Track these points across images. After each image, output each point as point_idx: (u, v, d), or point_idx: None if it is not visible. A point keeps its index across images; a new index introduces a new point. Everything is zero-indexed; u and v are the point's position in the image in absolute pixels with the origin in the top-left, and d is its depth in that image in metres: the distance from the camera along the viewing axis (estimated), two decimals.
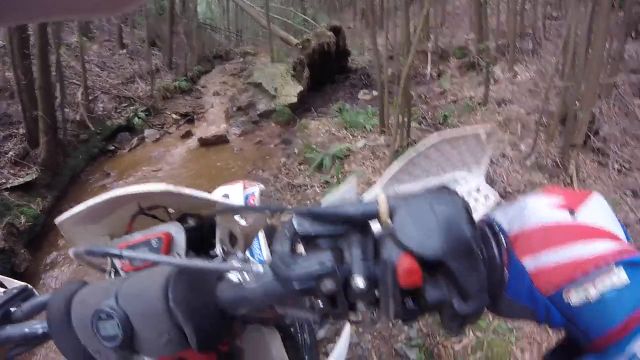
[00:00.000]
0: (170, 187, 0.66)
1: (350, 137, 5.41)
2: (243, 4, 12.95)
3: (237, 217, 0.78)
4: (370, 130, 5.52)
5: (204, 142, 6.66)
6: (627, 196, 3.81)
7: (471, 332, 2.38)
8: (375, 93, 8.45)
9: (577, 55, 4.38)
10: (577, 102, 4.15)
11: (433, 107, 6.72)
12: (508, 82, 6.67)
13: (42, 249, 4.11)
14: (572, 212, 0.39)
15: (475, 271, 0.37)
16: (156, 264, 0.55)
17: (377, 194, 0.42)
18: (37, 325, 0.59)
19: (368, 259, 0.41)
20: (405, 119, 3.94)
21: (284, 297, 0.46)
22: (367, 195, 0.60)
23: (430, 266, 0.37)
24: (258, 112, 7.59)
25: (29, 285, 0.69)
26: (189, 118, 8.37)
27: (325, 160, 4.54)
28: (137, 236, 0.70)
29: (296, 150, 5.49)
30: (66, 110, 6.45)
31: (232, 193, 1.20)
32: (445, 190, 0.41)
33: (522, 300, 0.38)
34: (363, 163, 4.15)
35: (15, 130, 5.66)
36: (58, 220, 0.69)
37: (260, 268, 0.48)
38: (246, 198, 1.19)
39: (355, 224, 0.43)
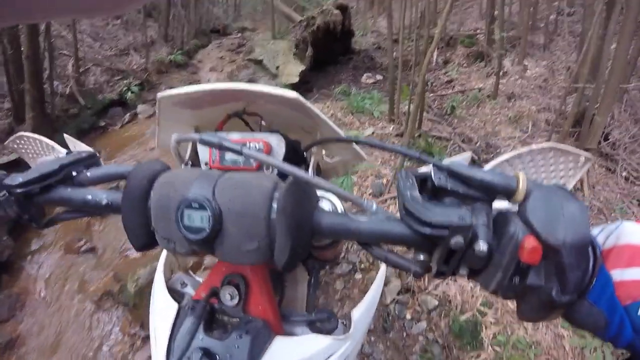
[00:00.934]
0: (301, 99, 0.68)
1: (358, 123, 5.13)
2: None
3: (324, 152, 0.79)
4: (378, 117, 5.25)
5: None
6: (633, 205, 3.75)
7: (490, 347, 2.24)
8: (378, 77, 8.23)
9: (597, 56, 4.18)
10: (595, 105, 4.00)
11: (440, 96, 6.50)
12: (517, 76, 6.48)
13: (26, 235, 3.76)
14: None
15: (580, 269, 0.39)
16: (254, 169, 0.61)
17: (518, 174, 0.43)
18: (102, 195, 0.58)
19: (490, 228, 0.43)
20: (419, 110, 3.70)
21: (403, 238, 0.46)
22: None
23: (547, 250, 0.39)
24: None
25: (96, 153, 0.69)
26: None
27: None
28: (235, 136, 0.71)
29: None
30: (55, 83, 6.13)
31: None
32: (571, 193, 0.43)
33: (601, 306, 0.41)
34: (371, 153, 3.92)
35: None
36: (160, 95, 0.69)
37: (373, 204, 0.49)
38: None
39: (487, 192, 0.44)
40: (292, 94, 0.67)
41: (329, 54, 8.42)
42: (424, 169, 0.49)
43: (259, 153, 0.52)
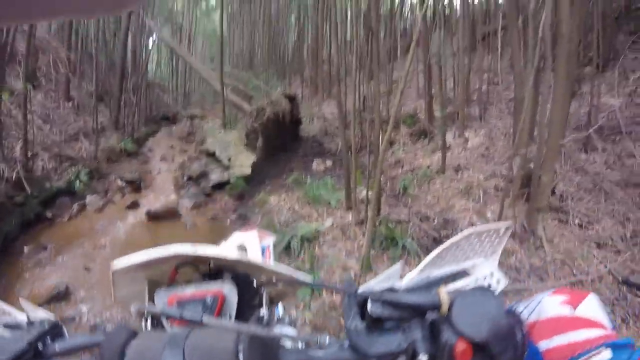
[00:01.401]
0: (243, 259, 0.78)
1: (315, 214, 5.13)
2: (198, 67, 12.80)
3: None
4: (335, 206, 5.28)
5: (153, 216, 6.06)
6: (593, 248, 3.91)
7: None
8: (329, 163, 8.44)
9: (531, 120, 4.55)
10: (538, 166, 4.25)
11: (391, 177, 6.67)
12: (460, 148, 6.88)
13: None
14: (573, 307, 0.54)
15: (510, 351, 0.48)
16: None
17: (439, 291, 0.53)
18: None
19: (427, 339, 0.51)
20: (376, 195, 3.77)
21: None
22: (406, 279, 0.71)
23: (476, 346, 0.48)
24: (211, 183, 7.18)
25: (59, 322, 0.68)
26: (135, 185, 7.76)
27: (293, 242, 4.17)
28: (189, 290, 0.74)
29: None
30: (1, 166, 5.76)
31: (249, 243, 1.20)
32: (487, 290, 0.54)
33: None
34: (334, 245, 3.89)
35: None
36: (115, 268, 0.70)
37: (326, 339, 0.54)
38: (263, 250, 1.20)
39: (418, 311, 0.54)
40: (234, 256, 0.76)
41: (279, 142, 8.57)
42: (365, 290, 0.59)
43: (218, 321, 0.56)
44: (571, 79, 4.52)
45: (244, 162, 7.35)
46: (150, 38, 12.98)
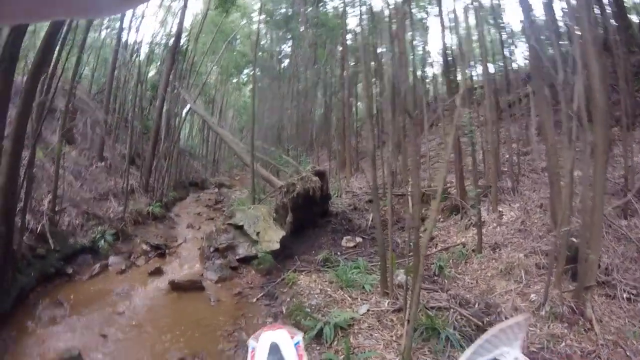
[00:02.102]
0: None
1: (349, 299, 4.75)
2: (228, 139, 13.13)
3: None
4: (370, 291, 4.91)
5: (176, 286, 5.79)
6: None
7: None
8: (358, 239, 8.17)
9: (570, 192, 4.31)
10: (584, 242, 3.97)
11: (424, 256, 6.37)
12: (495, 224, 6.54)
13: None
14: None
15: None
16: None
17: None
18: None
19: None
20: (415, 283, 3.47)
21: None
22: None
23: None
24: (238, 257, 6.95)
25: None
26: (160, 252, 7.62)
27: (326, 329, 3.80)
28: None
29: (284, 310, 4.83)
30: (27, 217, 5.70)
31: (282, 343, 1.15)
32: None
33: None
34: (371, 335, 3.54)
35: None
36: None
37: None
38: (295, 346, 1.17)
39: None
40: None
41: (308, 218, 8.47)
42: None
43: None
44: (607, 147, 4.32)
45: (272, 237, 7.17)
46: (184, 108, 13.58)
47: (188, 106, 13.60)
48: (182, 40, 14.38)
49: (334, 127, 16.50)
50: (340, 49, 14.91)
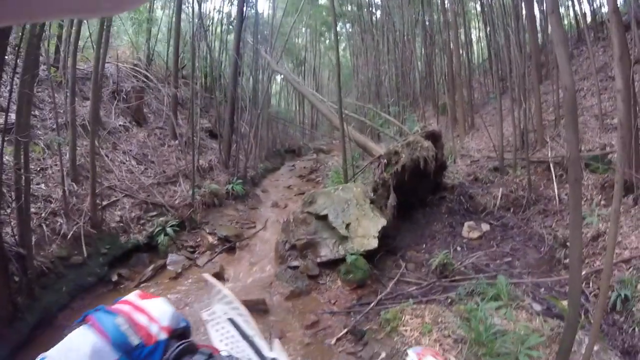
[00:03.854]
0: None
1: None
2: (314, 99, 11.23)
3: None
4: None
5: None
6: None
7: None
8: (484, 227, 5.79)
9: None
10: None
11: (592, 271, 3.93)
12: None
13: None
14: None
15: None
16: None
17: None
18: None
19: None
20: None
21: None
22: None
23: None
24: (319, 259, 5.05)
25: None
26: (229, 245, 6.11)
27: None
28: None
29: None
30: (60, 221, 4.65)
31: None
32: None
33: None
34: None
35: None
36: None
37: None
38: None
39: None
40: None
41: (416, 196, 6.20)
42: None
43: None
44: None
45: (368, 229, 5.12)
46: (270, 73, 12.08)
47: (274, 71, 11.92)
48: None
49: (440, 77, 13.97)
50: None
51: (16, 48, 5.00)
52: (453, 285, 4.41)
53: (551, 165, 6.27)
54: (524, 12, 8.58)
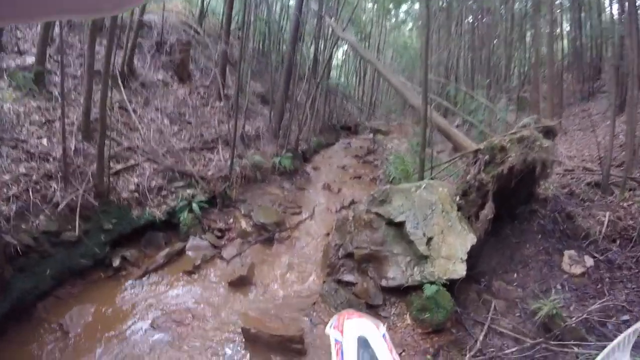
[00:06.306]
0: None
1: None
2: (386, 72, 9.68)
3: None
4: None
5: (252, 338, 2.97)
6: None
7: None
8: (589, 262, 4.19)
9: None
10: None
11: None
12: None
13: None
14: None
15: None
16: None
17: None
18: None
19: None
20: None
21: None
22: None
23: None
24: (385, 282, 3.64)
25: None
26: (267, 236, 4.86)
27: None
28: None
29: None
30: (52, 186, 3.60)
31: (369, 335, 1.07)
32: None
33: None
34: None
35: None
36: None
37: None
38: (383, 337, 1.10)
39: None
40: None
41: (507, 203, 4.54)
42: None
43: None
44: None
45: (454, 249, 3.68)
46: (337, 43, 10.70)
47: (340, 39, 10.45)
48: None
49: (520, 67, 12.41)
50: None
51: None
52: (564, 351, 2.98)
53: None
54: None
